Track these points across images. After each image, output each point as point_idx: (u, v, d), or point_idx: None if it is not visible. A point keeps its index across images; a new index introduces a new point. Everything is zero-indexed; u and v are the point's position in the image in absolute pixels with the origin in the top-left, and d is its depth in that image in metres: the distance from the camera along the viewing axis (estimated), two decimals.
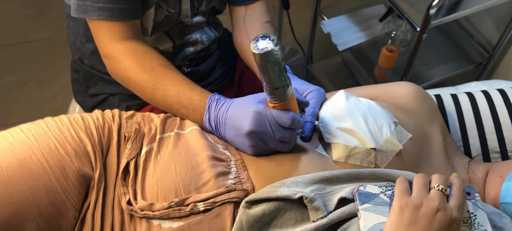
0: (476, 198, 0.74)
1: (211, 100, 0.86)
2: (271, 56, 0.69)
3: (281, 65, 0.71)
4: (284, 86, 0.74)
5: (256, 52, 0.69)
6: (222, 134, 0.85)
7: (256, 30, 1.13)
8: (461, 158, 0.93)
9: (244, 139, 0.80)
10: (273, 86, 0.74)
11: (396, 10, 1.48)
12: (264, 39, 0.70)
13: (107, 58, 0.95)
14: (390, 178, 0.77)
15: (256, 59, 0.70)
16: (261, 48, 0.69)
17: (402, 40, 1.73)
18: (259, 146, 0.81)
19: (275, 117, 0.77)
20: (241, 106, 0.81)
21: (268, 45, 0.69)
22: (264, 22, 1.14)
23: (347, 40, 1.74)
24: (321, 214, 0.71)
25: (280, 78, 0.73)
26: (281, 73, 0.72)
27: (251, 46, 0.70)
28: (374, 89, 1.00)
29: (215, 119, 0.85)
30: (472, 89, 1.14)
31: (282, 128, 0.78)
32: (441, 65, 1.74)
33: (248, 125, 0.78)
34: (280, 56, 0.70)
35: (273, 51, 0.69)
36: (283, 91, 0.75)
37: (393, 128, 0.85)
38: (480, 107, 1.04)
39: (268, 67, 0.70)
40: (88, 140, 0.78)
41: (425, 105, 0.96)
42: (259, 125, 0.78)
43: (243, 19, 1.16)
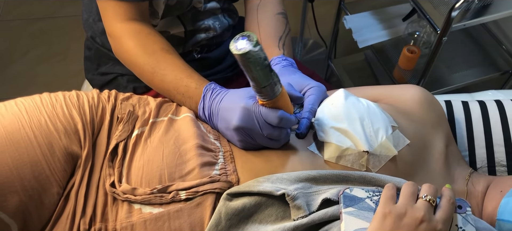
0: (467, 212, 0.71)
1: (206, 90, 0.85)
2: (250, 56, 0.67)
3: (263, 64, 0.69)
4: (270, 85, 0.73)
5: (235, 53, 0.67)
6: (215, 124, 0.84)
7: (268, 20, 1.11)
8: (463, 169, 0.89)
9: (233, 133, 0.79)
10: (259, 85, 0.72)
11: (419, 10, 1.43)
12: (243, 38, 0.68)
13: (111, 37, 0.96)
14: (379, 183, 0.75)
15: (237, 59, 0.69)
16: (240, 48, 0.67)
17: (425, 42, 1.68)
18: (247, 141, 0.80)
19: (263, 115, 0.76)
20: (233, 100, 0.80)
21: (246, 45, 0.67)
22: (276, 13, 1.13)
23: (368, 37, 1.70)
24: (302, 213, 0.70)
25: (265, 77, 0.71)
26: (265, 72, 0.71)
27: (231, 46, 0.68)
28: (379, 90, 0.97)
29: (209, 108, 0.84)
30: (488, 98, 1.09)
31: (270, 126, 0.77)
32: (465, 70, 1.68)
33: (236, 120, 0.77)
34: (261, 56, 0.69)
35: (251, 51, 0.67)
36: (270, 90, 0.73)
37: (390, 132, 0.82)
38: (491, 117, 1.00)
39: (250, 67, 0.69)
40: (79, 118, 0.79)
41: (430, 111, 0.92)
42: (247, 121, 0.77)
43: (256, 8, 1.15)
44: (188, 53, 1.16)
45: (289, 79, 0.90)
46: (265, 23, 1.10)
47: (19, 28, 2.39)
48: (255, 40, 0.67)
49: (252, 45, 0.67)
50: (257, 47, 0.67)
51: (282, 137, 0.80)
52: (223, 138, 0.83)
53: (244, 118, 0.77)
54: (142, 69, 0.91)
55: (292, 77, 0.92)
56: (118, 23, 0.93)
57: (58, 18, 2.43)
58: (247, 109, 0.76)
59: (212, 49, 1.21)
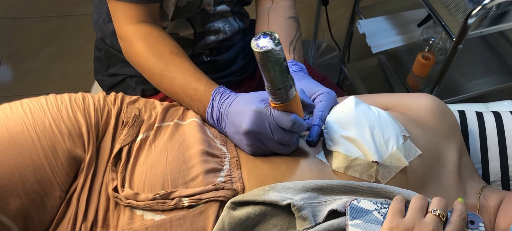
0: (480, 228, 0.69)
1: (215, 93, 0.84)
2: (271, 55, 0.67)
3: (282, 65, 0.69)
4: (286, 87, 0.72)
5: (256, 50, 0.67)
6: (223, 128, 0.83)
7: (279, 24, 1.10)
8: (476, 182, 0.87)
9: (242, 137, 0.78)
10: (275, 86, 0.71)
11: (434, 16, 1.40)
12: (265, 37, 0.68)
13: (121, 39, 0.95)
14: (389, 195, 0.73)
15: (257, 57, 0.68)
16: (262, 47, 0.67)
17: (440, 48, 1.65)
18: (257, 146, 0.78)
19: (275, 118, 0.74)
20: (243, 103, 0.79)
21: (268, 44, 0.67)
22: (287, 18, 1.11)
23: (382, 43, 1.68)
24: (307, 225, 0.68)
25: (281, 79, 0.71)
26: (282, 73, 0.70)
27: (252, 44, 0.67)
28: (391, 98, 0.95)
29: (217, 112, 0.83)
30: (503, 109, 1.06)
31: (282, 130, 0.75)
32: (480, 78, 1.65)
33: (247, 124, 0.76)
34: (281, 56, 0.68)
35: (273, 50, 0.67)
36: (285, 92, 0.72)
37: (401, 142, 0.80)
38: (506, 129, 0.97)
39: (268, 67, 0.68)
40: (84, 121, 0.78)
41: (443, 121, 0.90)
42: (258, 125, 0.75)
43: (267, 12, 1.13)
44: (197, 56, 1.15)
45: (298, 85, 0.88)
46: (276, 27, 1.09)
47: (34, 26, 2.41)
48: (277, 39, 0.67)
49: (274, 44, 0.66)
50: (278, 47, 0.67)
51: (292, 142, 0.78)
52: (230, 144, 0.82)
53: (256, 121, 0.75)
54: (151, 72, 0.90)
55: (301, 83, 0.90)
56: (128, 25, 0.93)
57: (72, 17, 2.45)
58: (259, 112, 0.75)
59: (221, 52, 1.20)
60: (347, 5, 2.38)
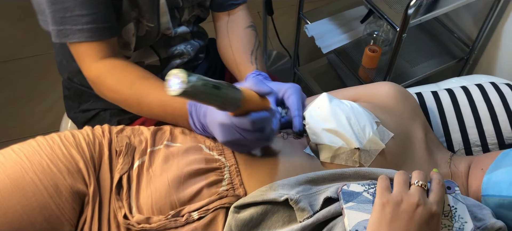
0: (456, 191, 0.77)
1: (190, 106, 0.87)
2: (188, 93, 0.63)
3: (206, 90, 0.65)
4: (226, 99, 0.70)
5: (173, 95, 0.63)
6: (212, 135, 0.85)
7: (238, 36, 1.14)
8: (444, 153, 0.96)
9: (226, 145, 0.81)
10: (217, 106, 0.71)
11: (376, 11, 1.51)
12: (174, 79, 0.63)
13: (90, 79, 0.97)
14: (373, 176, 0.80)
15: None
16: (174, 90, 0.62)
17: (384, 40, 1.76)
18: (242, 148, 0.82)
19: (238, 125, 0.75)
20: (211, 116, 0.80)
21: (178, 86, 0.62)
22: (245, 27, 1.16)
23: (330, 43, 1.77)
24: (307, 214, 0.74)
25: (216, 98, 0.68)
26: (213, 94, 0.67)
27: (167, 91, 0.63)
28: (355, 91, 1.03)
29: (199, 123, 0.86)
30: (453, 86, 1.17)
31: (250, 131, 0.77)
32: (424, 62, 1.77)
33: (220, 137, 0.78)
34: (199, 84, 0.64)
35: (186, 89, 0.62)
36: (230, 103, 0.71)
37: (375, 127, 0.88)
38: (460, 103, 1.07)
39: (196, 99, 0.66)
40: (79, 157, 0.80)
41: (405, 104, 0.98)
42: (229, 135, 0.77)
43: (225, 26, 1.18)
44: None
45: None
46: (236, 39, 1.14)
47: None
48: (185, 75, 0.62)
49: (182, 83, 0.62)
50: (190, 82, 0.62)
51: (268, 133, 0.79)
52: (228, 152, 0.86)
53: (225, 133, 0.77)
54: (127, 103, 0.93)
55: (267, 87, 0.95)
56: (93, 64, 0.94)
57: (21, 60, 2.39)
58: (224, 125, 0.77)
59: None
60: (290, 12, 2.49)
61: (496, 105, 1.04)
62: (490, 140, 1.02)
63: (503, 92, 1.07)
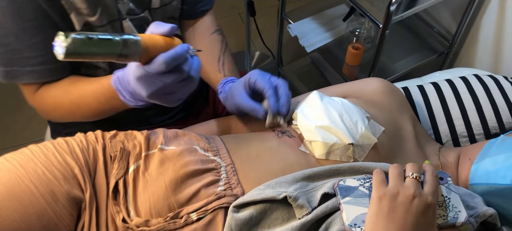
0: (448, 182, 0.79)
1: (115, 82, 0.83)
2: (71, 48, 0.61)
3: (92, 40, 0.63)
4: (126, 47, 0.67)
5: (61, 58, 0.62)
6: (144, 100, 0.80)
7: (204, 45, 1.12)
8: (432, 145, 0.98)
9: (155, 100, 0.78)
10: (117, 57, 0.67)
11: (358, 9, 1.53)
12: (57, 41, 0.62)
13: (36, 109, 0.96)
14: (367, 170, 0.82)
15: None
16: (61, 52, 0.62)
17: (366, 37, 1.79)
18: (171, 96, 0.78)
19: (152, 71, 0.72)
20: (129, 76, 0.77)
21: (60, 47, 0.61)
22: (211, 34, 1.15)
23: (314, 41, 1.79)
24: (305, 211, 0.75)
25: (108, 48, 0.65)
26: (101, 45, 0.65)
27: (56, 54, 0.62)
28: (344, 88, 1.04)
29: (128, 93, 0.81)
30: (437, 79, 1.19)
31: (168, 74, 0.73)
32: (405, 58, 1.80)
33: (143, 92, 0.75)
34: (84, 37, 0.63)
35: (68, 46, 0.61)
36: (129, 50, 0.68)
37: (366, 122, 0.89)
38: (445, 95, 1.10)
39: (86, 55, 0.64)
40: (74, 163, 0.80)
41: (393, 98, 1.00)
42: (150, 86, 0.74)
43: (192, 34, 1.16)
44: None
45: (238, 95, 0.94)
46: (202, 48, 1.11)
47: None
48: (63, 35, 0.61)
49: (64, 42, 0.61)
50: (69, 39, 0.61)
51: (186, 71, 0.76)
52: (223, 152, 0.86)
53: (146, 86, 0.74)
54: (72, 113, 0.93)
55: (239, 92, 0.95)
56: (32, 95, 0.94)
57: None
58: (141, 78, 0.73)
59: None
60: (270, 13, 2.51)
61: (480, 97, 1.07)
62: (476, 131, 1.05)
63: (487, 84, 1.10)
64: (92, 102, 0.90)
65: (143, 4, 0.99)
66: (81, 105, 0.91)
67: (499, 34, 1.62)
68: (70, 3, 0.87)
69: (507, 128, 1.04)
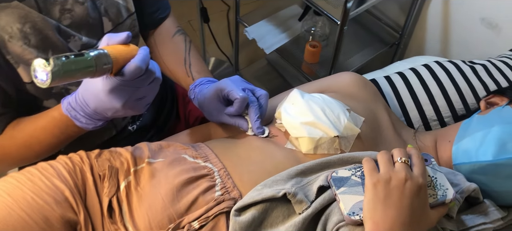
0: (433, 163, 0.83)
1: (67, 110, 0.80)
2: (57, 72, 0.60)
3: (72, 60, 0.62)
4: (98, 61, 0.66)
5: (47, 85, 0.60)
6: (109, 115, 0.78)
7: (167, 49, 1.10)
8: (408, 131, 1.03)
9: (127, 111, 0.76)
10: (92, 74, 0.66)
11: (315, 8, 1.57)
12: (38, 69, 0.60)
13: None
14: (356, 160, 0.84)
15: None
16: (44, 80, 0.60)
17: (322, 35, 1.84)
18: (142, 101, 0.77)
19: (128, 78, 0.70)
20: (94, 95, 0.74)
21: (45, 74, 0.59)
22: (172, 36, 1.11)
23: (272, 43, 1.82)
24: (305, 205, 0.76)
25: (87, 66, 0.64)
26: (81, 64, 0.63)
27: (38, 85, 0.60)
28: (319, 84, 1.07)
29: (87, 116, 0.78)
30: (401, 69, 1.24)
31: (141, 78, 0.72)
32: (359, 52, 1.86)
33: (118, 104, 0.73)
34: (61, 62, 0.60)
35: (53, 71, 0.59)
36: (102, 64, 0.66)
37: (347, 114, 0.92)
38: (412, 83, 1.15)
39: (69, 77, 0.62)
40: (64, 186, 0.77)
41: (367, 90, 1.04)
42: (124, 95, 0.72)
43: (154, 41, 1.12)
44: (123, 130, 1.11)
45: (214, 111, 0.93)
46: (166, 53, 1.09)
47: None
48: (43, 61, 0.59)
49: (49, 67, 0.59)
50: (53, 63, 0.60)
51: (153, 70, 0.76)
52: (213, 157, 0.86)
53: (120, 97, 0.72)
54: (23, 157, 0.88)
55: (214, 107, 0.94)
56: None
57: None
58: (114, 89, 0.71)
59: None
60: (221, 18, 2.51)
61: (444, 82, 1.13)
62: (444, 114, 1.11)
63: (448, 69, 1.16)
64: (46, 139, 0.85)
65: (96, 32, 0.95)
66: (32, 146, 0.85)
67: (446, 22, 1.72)
68: (17, 57, 0.81)
69: (472, 108, 1.10)
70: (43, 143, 0.85)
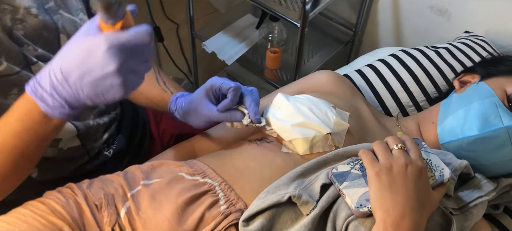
0: (424, 146, 0.85)
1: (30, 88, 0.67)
2: None
3: None
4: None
5: None
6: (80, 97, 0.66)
7: None
8: (389, 120, 1.05)
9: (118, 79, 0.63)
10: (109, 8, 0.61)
11: (272, 13, 1.58)
12: None
13: None
14: (351, 153, 0.85)
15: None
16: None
17: (280, 41, 1.85)
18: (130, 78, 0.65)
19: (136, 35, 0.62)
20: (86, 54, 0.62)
21: None
22: None
23: (232, 53, 1.81)
24: (311, 206, 0.76)
25: None
26: None
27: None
28: (299, 85, 1.07)
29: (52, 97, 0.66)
30: (368, 61, 1.27)
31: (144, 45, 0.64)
32: (317, 54, 1.88)
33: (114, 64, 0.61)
34: None
35: None
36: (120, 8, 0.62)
37: (334, 111, 0.93)
38: (383, 74, 1.18)
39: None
40: (61, 221, 0.72)
41: (344, 85, 1.05)
42: (122, 55, 0.62)
43: None
44: (98, 155, 1.05)
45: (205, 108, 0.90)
46: None
47: None
48: None
49: None
50: None
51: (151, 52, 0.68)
52: (211, 172, 0.83)
53: (118, 55, 0.61)
54: None
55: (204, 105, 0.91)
56: None
57: None
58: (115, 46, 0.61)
59: (115, 136, 1.11)
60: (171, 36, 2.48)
61: (413, 68, 1.17)
62: (419, 99, 1.14)
63: (415, 56, 1.20)
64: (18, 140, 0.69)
65: (52, 47, 0.90)
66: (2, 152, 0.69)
67: (396, 13, 1.78)
68: None
69: (444, 90, 1.14)
70: (15, 149, 0.69)
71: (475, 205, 0.83)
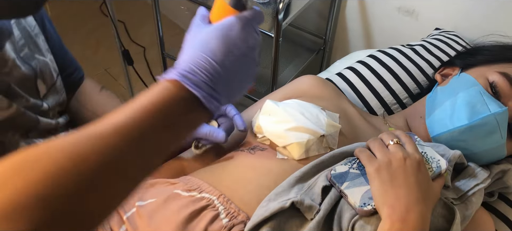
0: (417, 140, 0.85)
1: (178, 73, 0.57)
2: None
3: None
4: None
5: None
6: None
7: (98, 98, 1.07)
8: (376, 119, 1.05)
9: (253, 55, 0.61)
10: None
11: None
12: None
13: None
14: (347, 154, 0.84)
15: None
16: None
17: None
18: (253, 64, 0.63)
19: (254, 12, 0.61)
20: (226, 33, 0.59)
21: None
22: (100, 91, 1.09)
23: None
24: (315, 210, 0.74)
25: None
26: None
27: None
28: (284, 91, 1.06)
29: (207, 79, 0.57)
30: (349, 64, 1.27)
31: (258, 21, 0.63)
32: (290, 65, 1.89)
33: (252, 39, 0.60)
34: None
35: None
36: None
37: (324, 113, 0.92)
38: (364, 75, 1.18)
39: None
40: None
41: (328, 88, 1.05)
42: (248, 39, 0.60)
43: (77, 101, 1.06)
44: None
45: None
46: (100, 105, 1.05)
47: None
48: None
49: None
50: None
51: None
52: (205, 186, 0.80)
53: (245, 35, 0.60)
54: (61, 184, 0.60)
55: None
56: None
57: None
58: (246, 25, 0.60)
59: None
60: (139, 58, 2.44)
61: (393, 67, 1.18)
62: (402, 96, 1.15)
63: (392, 55, 1.22)
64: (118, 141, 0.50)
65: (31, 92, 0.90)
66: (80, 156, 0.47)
67: (364, 18, 1.80)
68: None
69: (425, 85, 1.16)
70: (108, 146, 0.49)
71: (473, 193, 0.83)
